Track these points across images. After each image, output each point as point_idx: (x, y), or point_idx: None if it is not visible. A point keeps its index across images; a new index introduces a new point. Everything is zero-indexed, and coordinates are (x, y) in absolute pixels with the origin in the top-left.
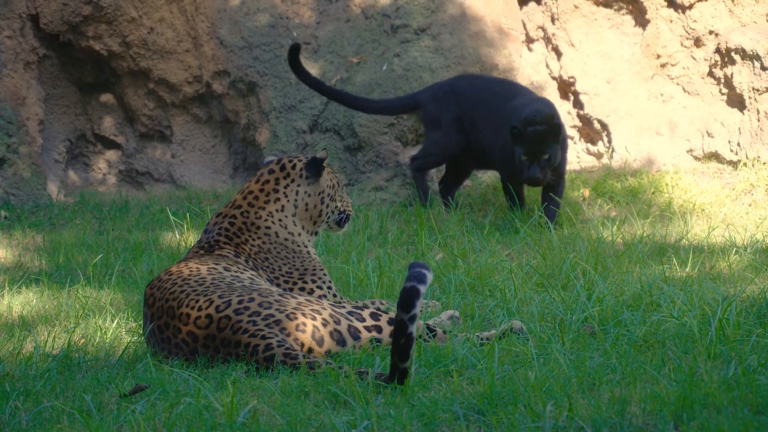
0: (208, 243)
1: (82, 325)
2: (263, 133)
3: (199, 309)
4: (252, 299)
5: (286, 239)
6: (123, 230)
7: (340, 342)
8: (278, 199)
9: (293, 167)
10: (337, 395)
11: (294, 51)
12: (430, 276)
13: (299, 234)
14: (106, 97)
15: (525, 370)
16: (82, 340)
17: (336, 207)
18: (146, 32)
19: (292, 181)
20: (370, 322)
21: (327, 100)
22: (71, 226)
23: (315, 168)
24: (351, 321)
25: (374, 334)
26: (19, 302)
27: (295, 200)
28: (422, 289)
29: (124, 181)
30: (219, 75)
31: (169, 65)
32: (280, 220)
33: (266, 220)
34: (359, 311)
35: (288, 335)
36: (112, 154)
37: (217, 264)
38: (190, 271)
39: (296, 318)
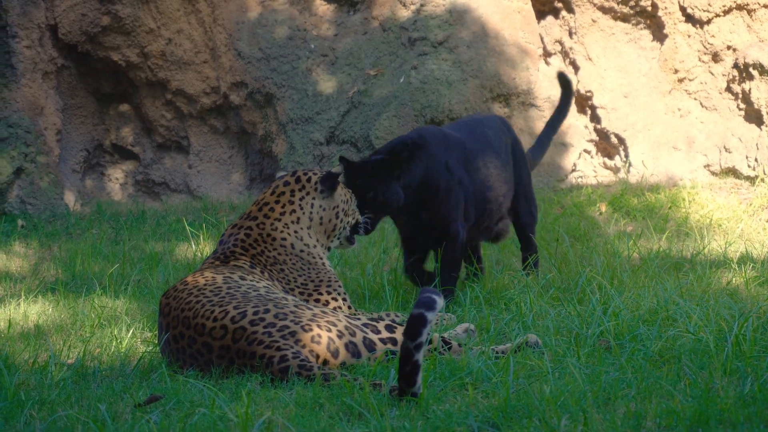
0: (224, 254)
1: (98, 335)
2: (280, 144)
3: (215, 320)
4: (267, 310)
5: (301, 251)
6: (139, 240)
7: (355, 354)
8: (294, 211)
9: (308, 180)
10: (352, 407)
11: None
12: (440, 302)
13: (314, 246)
14: (124, 108)
15: (540, 383)
16: (98, 350)
17: (348, 222)
18: (164, 43)
19: (308, 193)
20: (385, 334)
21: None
22: (88, 236)
23: (330, 182)
24: (366, 333)
25: (389, 346)
26: (36, 311)
27: (311, 213)
28: (430, 316)
29: (141, 191)
30: (236, 86)
31: (187, 76)
32: (295, 231)
33: (282, 231)
34: (374, 323)
35: (303, 347)
36: (129, 165)
37: (232, 273)
38: (206, 280)
39: (311, 329)
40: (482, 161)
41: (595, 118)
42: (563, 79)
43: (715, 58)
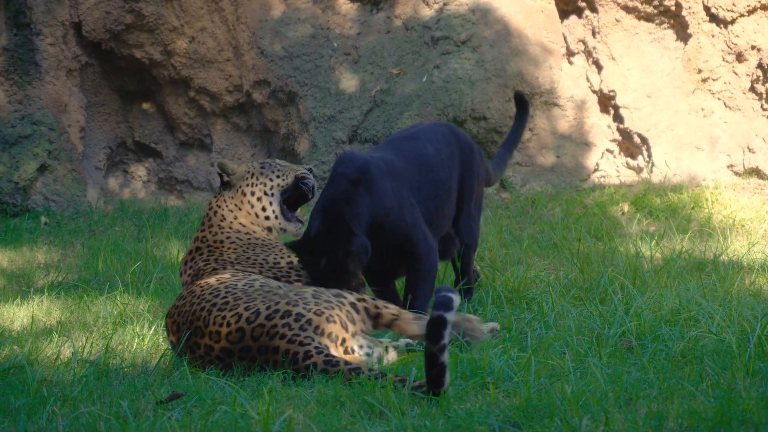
0: (195, 273)
1: (120, 332)
2: (303, 142)
3: (228, 325)
4: (277, 302)
5: (248, 238)
6: (161, 238)
7: (369, 319)
8: (216, 213)
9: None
10: (373, 406)
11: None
12: (456, 299)
13: (254, 231)
14: (147, 105)
15: (561, 383)
16: (120, 347)
17: (268, 192)
18: (187, 41)
19: (221, 195)
20: (381, 303)
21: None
22: (110, 233)
23: (221, 176)
24: (366, 303)
25: (393, 310)
26: (58, 307)
27: (229, 212)
28: (449, 317)
29: (164, 188)
30: (259, 84)
31: (210, 74)
32: (229, 227)
33: (221, 234)
34: (364, 297)
35: (322, 333)
36: (151, 162)
37: (221, 275)
38: (202, 288)
39: (323, 312)
40: (417, 178)
41: (617, 118)
42: (520, 99)
43: (739, 58)
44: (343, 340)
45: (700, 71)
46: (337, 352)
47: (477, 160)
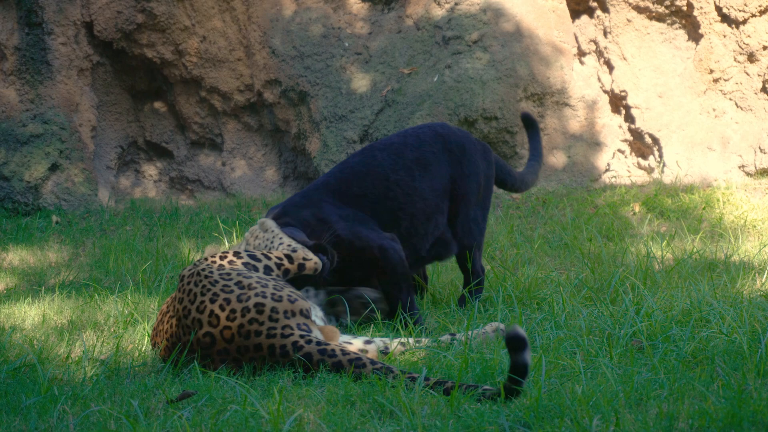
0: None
1: (130, 331)
2: (314, 142)
3: (194, 332)
4: (228, 300)
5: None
6: (172, 237)
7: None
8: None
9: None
10: (383, 405)
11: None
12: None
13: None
14: (158, 105)
15: (572, 383)
16: (130, 346)
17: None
18: (199, 41)
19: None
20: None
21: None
22: (121, 232)
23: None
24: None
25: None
26: (69, 306)
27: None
28: (529, 358)
29: (175, 188)
30: (270, 84)
31: (221, 74)
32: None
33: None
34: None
35: (293, 315)
36: (163, 162)
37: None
38: (168, 303)
39: (281, 297)
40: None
41: (629, 118)
42: (528, 119)
43: (751, 58)
44: (309, 310)
45: (711, 71)
46: (313, 326)
47: (473, 160)
